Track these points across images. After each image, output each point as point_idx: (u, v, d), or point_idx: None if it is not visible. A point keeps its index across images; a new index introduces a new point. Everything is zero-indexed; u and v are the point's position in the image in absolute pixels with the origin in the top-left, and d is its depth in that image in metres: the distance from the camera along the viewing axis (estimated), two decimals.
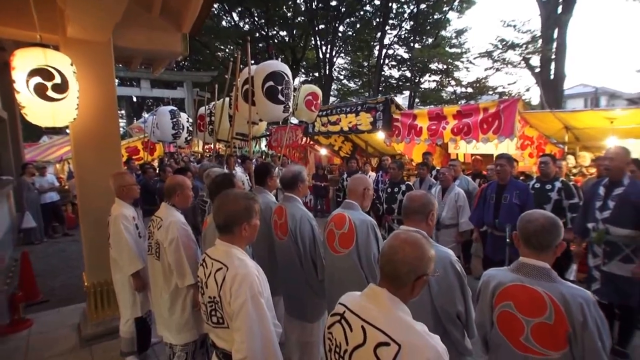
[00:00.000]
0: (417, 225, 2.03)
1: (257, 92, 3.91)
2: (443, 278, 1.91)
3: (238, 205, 1.67)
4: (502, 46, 13.68)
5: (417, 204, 2.04)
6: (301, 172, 2.97)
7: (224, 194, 1.74)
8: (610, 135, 5.18)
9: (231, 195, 1.71)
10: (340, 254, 2.60)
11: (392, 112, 7.41)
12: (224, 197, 1.70)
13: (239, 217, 1.67)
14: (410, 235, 1.27)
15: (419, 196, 2.07)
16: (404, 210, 2.09)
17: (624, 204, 3.10)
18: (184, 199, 2.74)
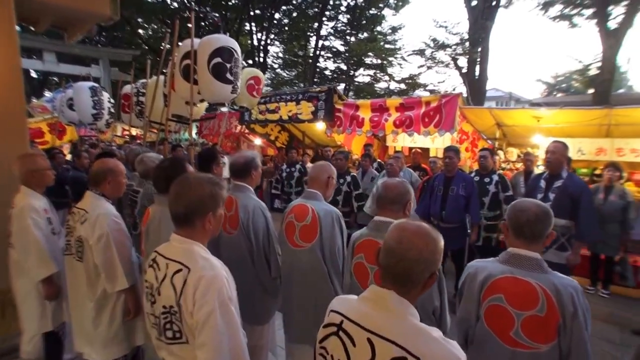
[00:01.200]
0: (393, 215, 1.90)
1: (201, 69, 3.48)
2: None
3: (202, 190, 1.37)
4: (434, 46, 14.46)
5: (393, 193, 1.91)
6: (255, 158, 2.68)
7: (184, 178, 1.42)
8: (536, 133, 5.64)
9: (193, 179, 1.40)
10: (302, 248, 2.39)
11: (335, 102, 7.31)
12: (184, 182, 1.39)
13: (204, 206, 1.37)
14: (418, 225, 1.10)
15: (396, 185, 1.94)
16: (379, 199, 1.95)
17: (563, 196, 3.33)
18: (117, 186, 2.30)
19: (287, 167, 6.98)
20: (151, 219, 2.04)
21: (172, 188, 1.41)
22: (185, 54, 3.71)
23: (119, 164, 2.39)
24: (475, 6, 11.80)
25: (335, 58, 19.23)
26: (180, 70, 3.72)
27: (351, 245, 2.01)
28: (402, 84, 16.24)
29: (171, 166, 2.09)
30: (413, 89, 16.12)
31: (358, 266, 1.96)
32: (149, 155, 3.34)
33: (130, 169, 3.77)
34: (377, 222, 1.92)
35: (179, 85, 3.77)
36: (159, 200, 2.10)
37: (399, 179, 2.02)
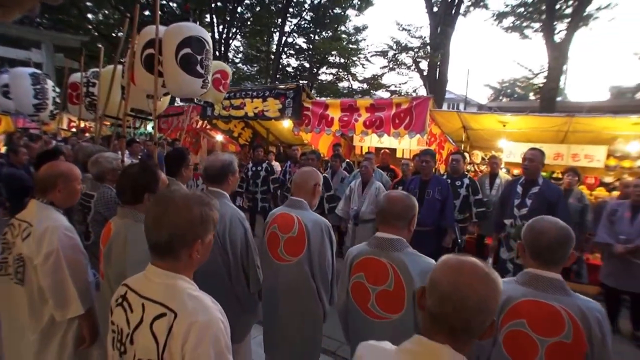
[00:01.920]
0: (397, 232, 1.71)
1: (168, 60, 3.08)
2: None
3: (190, 213, 1.09)
4: (396, 48, 14.60)
5: (398, 207, 1.71)
6: (232, 161, 2.38)
7: (167, 197, 1.12)
8: (501, 137, 5.75)
9: (179, 199, 1.10)
10: (287, 263, 2.15)
11: (303, 101, 7.05)
12: (167, 202, 1.09)
13: (192, 233, 1.09)
14: (474, 264, 0.90)
15: (401, 198, 1.74)
16: (382, 213, 1.74)
17: (540, 202, 3.33)
18: (70, 194, 1.92)
19: (253, 166, 6.63)
20: (114, 236, 1.68)
21: (152, 209, 1.10)
22: (147, 42, 3.28)
23: (73, 168, 2.00)
24: (437, 13, 12.04)
25: (298, 55, 18.90)
26: (142, 60, 3.28)
27: (349, 262, 1.79)
28: (365, 84, 16.28)
29: (140, 173, 1.75)
30: (375, 90, 16.22)
31: (357, 286, 1.75)
32: (106, 156, 2.91)
33: (81, 168, 3.28)
34: (380, 239, 1.72)
35: (140, 77, 3.34)
36: (124, 213, 1.75)
37: (401, 191, 1.81)
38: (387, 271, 1.66)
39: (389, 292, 1.66)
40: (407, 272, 1.62)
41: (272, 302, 2.23)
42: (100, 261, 1.81)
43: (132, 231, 1.67)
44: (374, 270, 1.69)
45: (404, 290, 1.62)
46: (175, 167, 2.81)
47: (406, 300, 1.62)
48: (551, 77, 10.98)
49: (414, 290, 1.60)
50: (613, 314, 3.80)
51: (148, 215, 1.11)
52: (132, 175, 1.74)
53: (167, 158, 2.86)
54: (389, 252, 1.68)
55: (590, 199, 5.12)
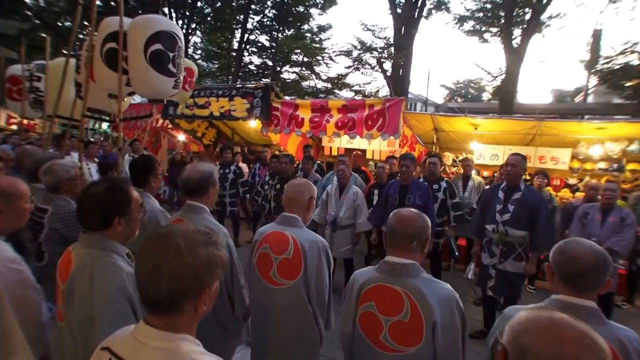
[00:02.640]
0: (411, 255, 1.54)
1: (135, 56, 2.71)
2: (450, 325, 1.47)
3: (196, 259, 0.85)
4: (361, 48, 14.60)
5: (412, 229, 1.54)
6: (212, 172, 2.12)
7: (164, 236, 0.87)
8: (471, 139, 5.82)
9: (181, 239, 0.85)
10: (282, 286, 1.92)
11: (272, 100, 6.77)
12: (167, 245, 0.84)
13: (197, 284, 0.85)
14: (577, 330, 0.72)
15: (414, 218, 1.57)
16: (394, 235, 1.56)
17: (522, 208, 3.32)
18: (15, 216, 1.59)
19: (220, 169, 6.24)
20: (77, 271, 1.37)
21: (146, 254, 0.85)
22: (108, 35, 2.89)
23: (18, 184, 1.65)
24: (401, 14, 12.15)
25: (260, 53, 18.39)
26: (102, 55, 2.88)
27: (356, 289, 1.60)
28: (329, 83, 16.15)
29: (108, 194, 1.44)
30: (340, 89, 16.14)
31: (367, 317, 1.56)
32: (61, 163, 2.51)
33: (29, 178, 2.83)
34: (391, 264, 1.54)
35: (100, 74, 2.94)
36: (89, 241, 1.44)
37: (412, 209, 1.64)
38: (401, 300, 1.49)
39: (404, 323, 1.48)
40: (424, 301, 1.46)
41: (263, 327, 1.99)
42: (58, 299, 1.48)
43: (100, 264, 1.37)
44: (387, 299, 1.51)
45: (421, 321, 1.46)
46: (142, 176, 2.47)
47: (424, 332, 1.46)
48: (509, 80, 11.45)
49: (433, 320, 1.44)
50: None
51: (141, 261, 0.85)
52: (97, 197, 1.43)
53: (133, 166, 2.52)
54: (403, 279, 1.50)
55: (556, 200, 5.31)
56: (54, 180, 2.46)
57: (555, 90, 33.28)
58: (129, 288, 1.37)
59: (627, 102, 12.28)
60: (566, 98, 27.79)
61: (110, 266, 1.38)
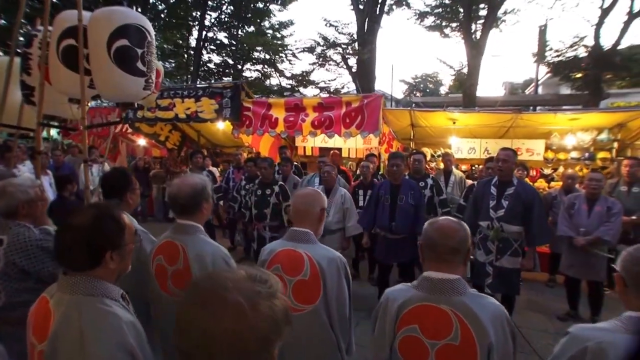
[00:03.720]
0: (454, 270, 1.39)
1: (97, 54, 2.36)
2: (503, 345, 1.33)
3: (260, 319, 0.64)
4: (324, 44, 14.45)
5: (455, 241, 1.38)
6: (205, 186, 1.85)
7: (213, 290, 0.65)
8: (448, 133, 5.83)
9: (238, 294, 0.64)
10: (299, 313, 1.70)
11: (242, 100, 6.44)
12: (221, 302, 0.64)
13: (264, 347, 0.63)
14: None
15: (455, 228, 1.41)
16: (433, 248, 1.39)
17: (516, 203, 3.30)
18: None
19: None
20: (60, 328, 1.08)
21: (187, 321, 0.61)
22: (65, 31, 2.51)
23: None
24: (363, 10, 12.14)
25: (220, 51, 17.73)
26: (59, 54, 2.49)
27: (394, 311, 1.41)
28: (292, 80, 15.86)
29: (96, 226, 1.15)
30: (304, 87, 15.93)
31: (409, 341, 1.38)
32: (17, 183, 2.12)
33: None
34: (434, 280, 1.37)
35: (57, 76, 2.55)
36: (72, 285, 1.15)
37: (449, 218, 1.48)
38: (450, 321, 1.32)
39: (454, 346, 1.32)
40: (476, 321, 1.30)
41: None
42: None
43: (91, 316, 1.09)
44: (432, 320, 1.34)
45: (474, 343, 1.30)
46: (118, 192, 2.16)
47: (478, 356, 1.30)
48: (471, 74, 11.78)
49: (488, 342, 1.29)
50: (574, 302, 3.99)
51: (183, 329, 0.61)
52: (83, 229, 1.14)
53: (104, 182, 2.19)
54: (449, 296, 1.34)
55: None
56: (10, 204, 2.07)
57: (506, 83, 35.01)
58: (131, 341, 1.11)
59: (578, 93, 13.05)
60: (517, 90, 29.27)
61: (105, 317, 1.11)
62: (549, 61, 13.40)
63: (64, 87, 2.59)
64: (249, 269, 0.72)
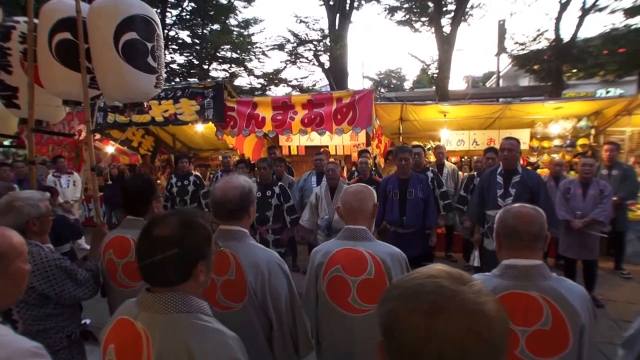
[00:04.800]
0: (536, 255, 1.41)
1: (102, 49, 2.19)
2: (590, 324, 1.37)
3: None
4: (295, 40, 14.37)
5: (536, 227, 1.41)
6: (251, 188, 1.77)
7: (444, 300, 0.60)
8: (438, 127, 5.96)
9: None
10: (365, 313, 1.66)
11: (225, 100, 6.26)
12: (477, 316, 0.58)
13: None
14: None
15: (534, 214, 1.44)
16: (515, 235, 1.41)
17: (524, 190, 3.42)
18: (12, 285, 1.20)
19: (177, 181, 5.62)
20: (164, 351, 0.99)
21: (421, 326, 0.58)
22: (59, 23, 2.31)
23: (10, 235, 1.18)
24: (334, 5, 12.17)
25: (183, 50, 17.16)
26: (52, 49, 2.29)
27: None
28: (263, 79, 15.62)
29: (190, 234, 1.07)
30: (276, 85, 15.76)
31: None
32: (25, 197, 1.93)
33: None
34: (520, 267, 1.38)
35: (51, 75, 2.34)
36: (165, 304, 1.06)
37: (525, 205, 1.50)
38: (540, 307, 1.34)
39: (545, 332, 1.34)
40: (567, 304, 1.33)
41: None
42: None
43: (195, 335, 1.01)
44: (523, 308, 1.36)
45: (566, 326, 1.32)
46: (142, 202, 2.02)
47: (571, 339, 1.33)
48: (443, 68, 12.15)
49: (581, 325, 1.31)
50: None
51: (423, 332, 0.57)
52: (174, 241, 1.04)
53: (129, 191, 2.04)
54: (537, 282, 1.36)
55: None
56: (18, 220, 1.89)
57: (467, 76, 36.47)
58: (240, 357, 1.04)
59: (539, 84, 13.81)
60: (478, 83, 30.55)
61: (211, 335, 1.03)
62: (514, 54, 14.06)
63: (59, 88, 2.40)
64: (447, 268, 0.68)
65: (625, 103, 5.39)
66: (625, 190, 4.80)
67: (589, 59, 12.94)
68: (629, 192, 4.85)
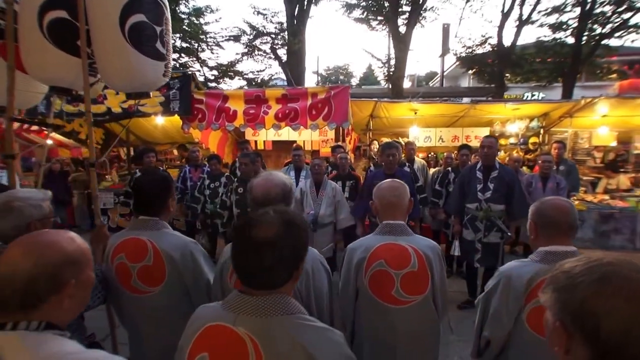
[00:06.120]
0: (570, 242, 1.55)
1: (107, 33, 1.99)
2: None
3: None
4: (251, 33, 14.02)
5: (572, 217, 1.56)
6: (292, 185, 1.76)
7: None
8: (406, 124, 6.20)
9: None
10: (409, 304, 1.73)
11: (193, 92, 5.98)
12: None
13: None
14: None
15: (567, 205, 1.59)
16: (554, 225, 1.54)
17: (501, 184, 3.71)
18: (83, 295, 1.11)
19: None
20: (280, 355, 0.98)
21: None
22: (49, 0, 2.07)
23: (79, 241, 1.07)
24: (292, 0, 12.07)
25: None
26: (44, 30, 2.05)
27: (522, 286, 1.52)
28: (216, 70, 15.04)
29: (297, 234, 1.06)
30: (231, 78, 15.25)
31: (539, 311, 1.50)
32: (24, 197, 1.73)
33: None
34: (559, 253, 1.52)
35: (41, 58, 2.10)
36: (272, 306, 1.04)
37: (560, 197, 1.64)
38: None
39: None
40: None
41: (386, 355, 1.76)
42: None
43: (308, 336, 1.01)
44: None
45: None
46: (159, 201, 1.86)
47: None
48: (398, 66, 12.61)
49: None
50: None
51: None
52: (281, 243, 1.01)
53: (144, 189, 1.88)
54: None
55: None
56: (18, 224, 1.68)
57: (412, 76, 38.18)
58: (350, 353, 1.04)
59: (483, 86, 14.92)
60: (422, 82, 32.12)
61: (321, 334, 1.02)
62: (460, 56, 14.99)
63: (49, 73, 2.15)
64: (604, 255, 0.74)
65: (569, 107, 6.04)
66: (570, 184, 5.38)
67: (525, 65, 14.21)
68: (572, 185, 5.44)
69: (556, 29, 13.19)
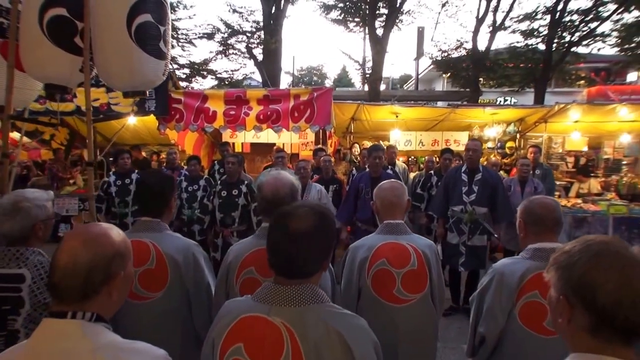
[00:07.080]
0: (557, 239, 1.75)
1: (113, 32, 2.05)
2: None
3: None
4: (226, 30, 13.97)
5: (557, 214, 1.74)
6: (298, 184, 1.89)
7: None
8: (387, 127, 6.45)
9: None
10: (408, 303, 1.88)
11: (170, 91, 5.97)
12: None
13: None
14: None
15: (552, 203, 1.78)
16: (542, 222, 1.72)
17: (485, 187, 3.95)
18: (125, 289, 1.16)
19: (117, 179, 5.19)
20: (319, 343, 1.07)
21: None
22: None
23: (122, 238, 1.15)
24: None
25: None
26: (44, 28, 2.09)
27: (515, 282, 1.70)
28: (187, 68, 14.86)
29: (329, 226, 1.20)
30: (203, 77, 15.11)
31: (531, 306, 1.69)
32: (32, 197, 1.77)
33: None
34: (548, 249, 1.68)
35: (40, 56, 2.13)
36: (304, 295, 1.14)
37: (545, 196, 1.85)
38: None
39: None
40: None
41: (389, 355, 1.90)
42: None
43: (342, 324, 1.10)
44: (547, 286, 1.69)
45: None
46: (162, 202, 1.92)
47: None
48: (375, 69, 12.95)
49: None
50: None
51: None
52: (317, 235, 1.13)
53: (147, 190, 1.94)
54: None
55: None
56: (24, 225, 1.73)
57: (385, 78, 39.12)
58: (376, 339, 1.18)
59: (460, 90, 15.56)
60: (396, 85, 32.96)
61: (351, 321, 1.15)
62: (436, 59, 15.58)
63: (47, 71, 2.19)
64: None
65: (544, 112, 6.47)
66: (546, 188, 5.78)
67: (499, 70, 14.95)
68: (548, 189, 5.84)
69: (528, 36, 14.01)
